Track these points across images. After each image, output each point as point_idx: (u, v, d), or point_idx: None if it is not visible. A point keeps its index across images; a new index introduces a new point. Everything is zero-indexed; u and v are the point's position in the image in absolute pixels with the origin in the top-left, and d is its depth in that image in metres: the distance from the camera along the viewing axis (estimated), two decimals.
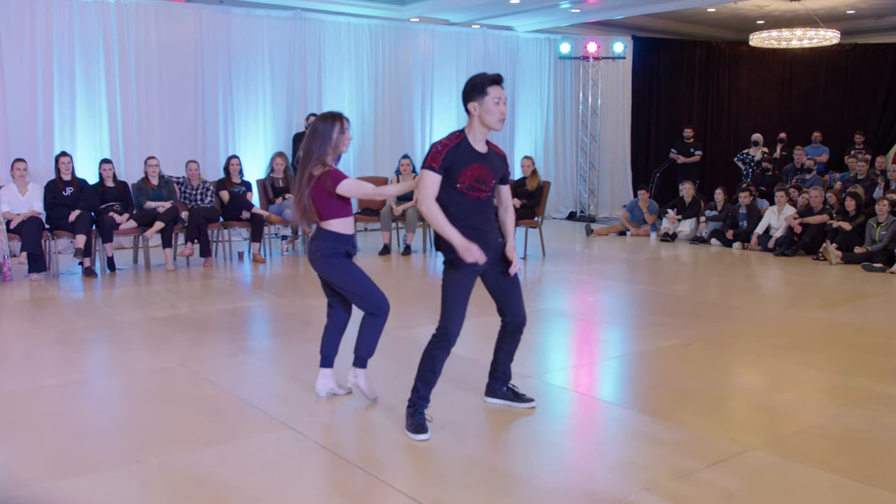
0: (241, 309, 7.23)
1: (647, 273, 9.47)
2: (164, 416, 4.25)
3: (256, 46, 11.82)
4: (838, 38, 13.27)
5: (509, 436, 4.00)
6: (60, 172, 8.63)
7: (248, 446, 3.79)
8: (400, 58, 13.28)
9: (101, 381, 5.05)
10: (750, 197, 11.44)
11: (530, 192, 10.16)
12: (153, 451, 3.74)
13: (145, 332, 6.15)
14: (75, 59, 10.43)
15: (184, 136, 11.27)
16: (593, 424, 4.37)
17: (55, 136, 10.33)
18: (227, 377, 4.96)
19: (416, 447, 3.83)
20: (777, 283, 9.07)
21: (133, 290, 8.02)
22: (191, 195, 9.59)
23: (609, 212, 15.72)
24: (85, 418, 4.31)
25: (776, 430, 4.12)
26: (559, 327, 6.75)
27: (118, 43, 10.68)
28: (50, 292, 7.76)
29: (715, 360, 5.46)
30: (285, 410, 4.26)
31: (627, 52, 15.31)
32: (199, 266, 9.23)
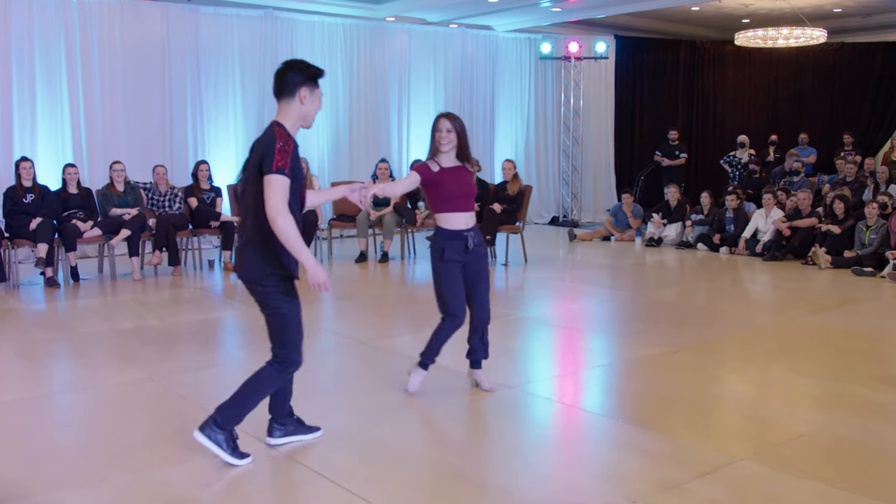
0: (211, 319, 7.20)
1: (631, 279, 9.53)
2: (131, 432, 4.22)
3: (226, 46, 11.79)
4: (825, 36, 13.43)
5: (491, 447, 4.01)
6: (21, 178, 8.56)
7: (219, 463, 3.77)
8: (376, 58, 13.30)
9: (66, 396, 5.01)
10: (737, 200, 11.54)
11: (511, 196, 10.19)
12: (120, 468, 3.72)
13: (111, 345, 6.11)
14: (35, 58, 10.34)
15: (151, 140, 11.21)
16: (577, 435, 4.39)
17: (14, 140, 10.23)
18: (197, 391, 4.94)
19: (394, 460, 3.83)
20: (765, 288, 9.15)
21: (98, 300, 7.96)
22: (158, 202, 9.54)
23: (592, 216, 15.80)
24: (49, 435, 4.27)
25: (764, 439, 4.16)
26: (542, 336, 6.78)
27: (81, 42, 10.62)
28: (10, 304, 7.69)
29: (702, 367, 5.51)
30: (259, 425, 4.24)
31: (610, 51, 15.42)
32: (168, 275, 9.18)
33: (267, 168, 3.41)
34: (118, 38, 10.90)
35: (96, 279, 9.05)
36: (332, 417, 4.42)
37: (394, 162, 13.23)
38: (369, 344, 5.86)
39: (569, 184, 15.71)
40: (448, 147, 4.53)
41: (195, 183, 9.82)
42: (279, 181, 3.41)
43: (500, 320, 7.10)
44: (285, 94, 3.61)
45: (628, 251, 11.71)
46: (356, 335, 4.63)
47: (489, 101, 14.83)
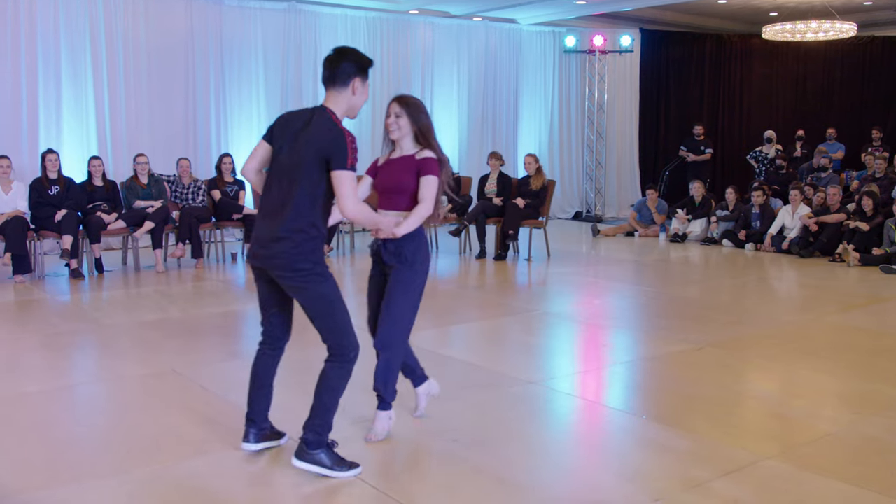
0: (234, 312, 7.24)
1: (655, 275, 9.47)
2: (154, 423, 4.25)
3: (250, 40, 11.84)
4: (855, 30, 13.27)
5: (513, 443, 4.00)
6: (47, 170, 8.64)
7: (241, 455, 3.79)
8: (399, 52, 13.30)
9: (89, 387, 5.05)
10: (763, 196, 11.44)
11: (535, 191, 10.16)
12: (142, 460, 3.74)
13: (135, 337, 6.15)
14: (61, 52, 10.44)
15: (174, 133, 11.29)
16: (600, 432, 4.37)
17: (40, 133, 10.34)
18: (219, 383, 4.96)
19: (415, 456, 3.83)
20: (791, 285, 9.07)
21: (122, 292, 8.02)
22: (182, 194, 9.60)
23: (616, 212, 15.73)
24: (71, 426, 4.31)
25: (790, 438, 4.12)
26: (564, 331, 6.75)
27: (106, 36, 10.70)
28: (35, 295, 7.77)
29: (726, 365, 5.46)
30: (280, 418, 4.26)
31: (635, 45, 15.33)
32: (191, 268, 9.24)
33: (341, 164, 3.34)
34: (143, 32, 10.97)
35: (120, 271, 9.13)
36: (353, 411, 4.43)
37: None
38: None
39: (592, 179, 15.64)
40: (397, 134, 3.91)
41: (219, 176, 9.87)
42: (353, 178, 3.38)
43: (522, 315, 7.10)
44: (338, 83, 3.49)
45: (652, 247, 11.64)
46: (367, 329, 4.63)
47: (513, 95, 14.78)
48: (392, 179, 3.94)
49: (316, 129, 3.41)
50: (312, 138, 3.39)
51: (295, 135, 3.46)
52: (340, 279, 9.34)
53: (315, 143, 3.38)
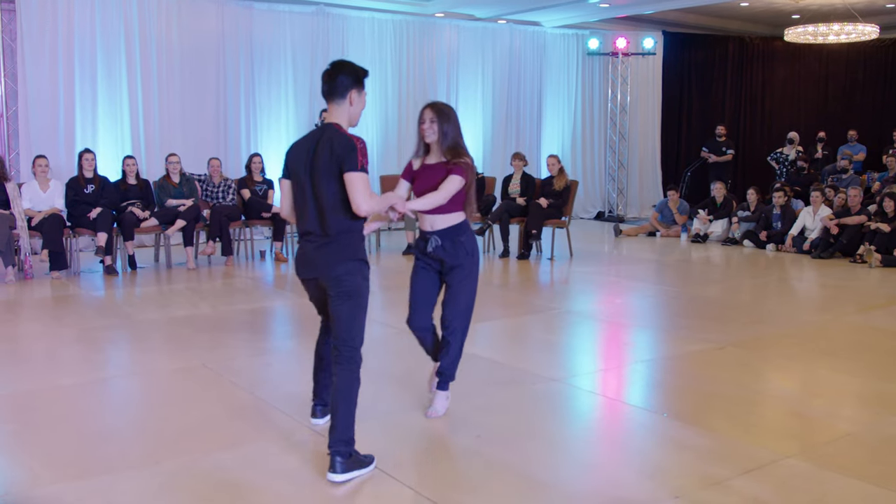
0: (263, 309, 7.27)
1: (677, 275, 9.41)
2: (184, 417, 4.28)
3: (279, 42, 11.90)
4: (877, 32, 13.10)
5: (535, 440, 3.99)
6: (83, 169, 8.73)
7: (269, 449, 3.81)
8: (424, 54, 13.30)
9: (122, 380, 5.10)
10: (784, 197, 11.32)
11: (557, 191, 10.13)
12: (173, 452, 3.77)
13: (166, 332, 6.20)
14: (97, 54, 10.55)
15: (205, 134, 11.38)
16: (621, 429, 4.35)
17: (76, 133, 10.45)
18: (248, 378, 4.99)
19: (439, 451, 3.83)
20: (812, 286, 8.97)
21: (154, 288, 8.09)
22: (212, 193, 9.66)
23: (638, 212, 15.64)
24: (104, 418, 4.35)
25: (810, 437, 4.08)
26: (586, 330, 6.73)
27: (140, 39, 10.80)
28: (71, 290, 7.85)
29: (747, 364, 5.42)
30: (307, 412, 4.28)
31: (658, 47, 15.24)
32: (221, 265, 9.30)
33: (352, 166, 3.44)
34: (175, 35, 11.06)
35: (152, 268, 9.21)
36: (379, 407, 4.44)
37: None
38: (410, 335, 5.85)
39: (615, 179, 15.57)
40: (433, 138, 4.07)
41: (248, 175, 9.92)
42: (364, 178, 3.47)
43: (545, 314, 7.08)
44: (336, 96, 3.65)
45: (674, 247, 11.57)
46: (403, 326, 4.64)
47: (536, 97, 14.74)
48: (430, 183, 4.08)
49: (329, 145, 3.51)
50: (329, 154, 3.49)
51: (311, 159, 3.57)
52: None
53: (333, 156, 3.48)
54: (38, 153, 8.97)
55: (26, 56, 10.05)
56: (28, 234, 8.24)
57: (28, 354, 5.62)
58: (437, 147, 4.09)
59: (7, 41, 10.09)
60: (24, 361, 5.42)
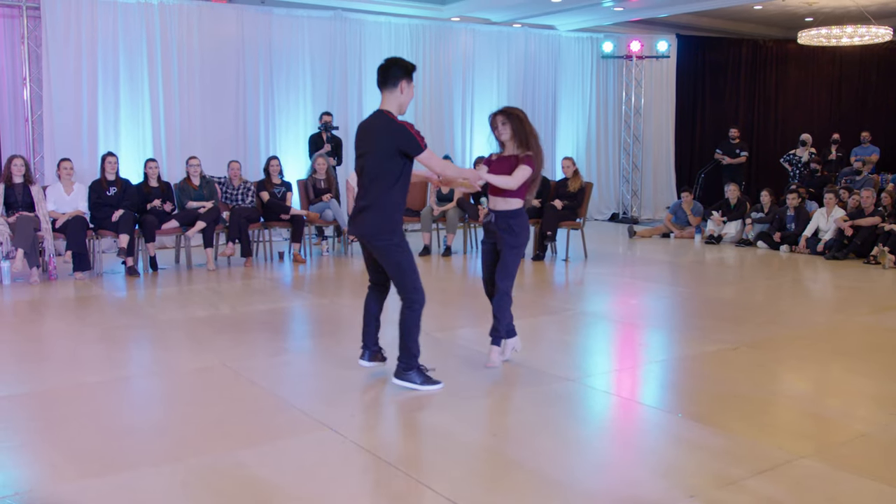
0: (281, 309, 7.29)
1: (691, 276, 9.37)
2: (205, 415, 4.30)
3: (297, 47, 11.94)
4: (891, 35, 12.99)
5: (550, 439, 3.98)
6: (105, 172, 8.79)
7: (288, 447, 3.82)
8: (441, 58, 13.31)
9: (143, 379, 5.13)
10: (798, 199, 11.25)
11: (572, 193, 10.11)
12: (194, 449, 3.79)
13: (187, 332, 6.23)
14: (119, 60, 10.63)
15: (225, 137, 11.42)
16: (635, 429, 4.33)
17: (99, 137, 10.53)
18: (267, 377, 5.01)
19: (455, 449, 3.83)
20: (826, 287, 8.91)
21: (175, 289, 8.13)
22: (232, 195, 9.70)
23: (652, 213, 15.59)
24: (127, 416, 4.38)
25: (825, 437, 4.05)
26: (601, 330, 6.71)
27: (161, 44, 10.86)
28: (94, 291, 7.90)
29: (761, 365, 5.39)
30: (326, 411, 4.29)
31: (671, 50, 15.18)
32: (240, 266, 9.33)
33: (417, 150, 4.36)
34: (196, 40, 11.12)
35: (173, 269, 9.25)
36: (394, 406, 4.45)
37: (457, 158, 13.24)
38: (431, 335, 5.86)
39: (629, 181, 15.52)
40: (505, 136, 4.97)
41: (267, 178, 9.96)
42: (430, 153, 4.47)
43: (560, 315, 7.06)
44: (389, 85, 4.40)
45: (688, 248, 11.52)
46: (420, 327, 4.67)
47: (551, 100, 14.72)
48: (501, 171, 4.93)
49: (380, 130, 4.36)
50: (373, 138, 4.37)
51: (370, 138, 4.42)
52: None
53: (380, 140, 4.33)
54: (62, 156, 9.03)
55: (51, 62, 10.14)
56: (52, 236, 8.30)
57: (52, 353, 5.67)
58: (511, 144, 4.95)
59: (32, 47, 10.18)
60: (49, 360, 5.47)
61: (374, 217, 4.42)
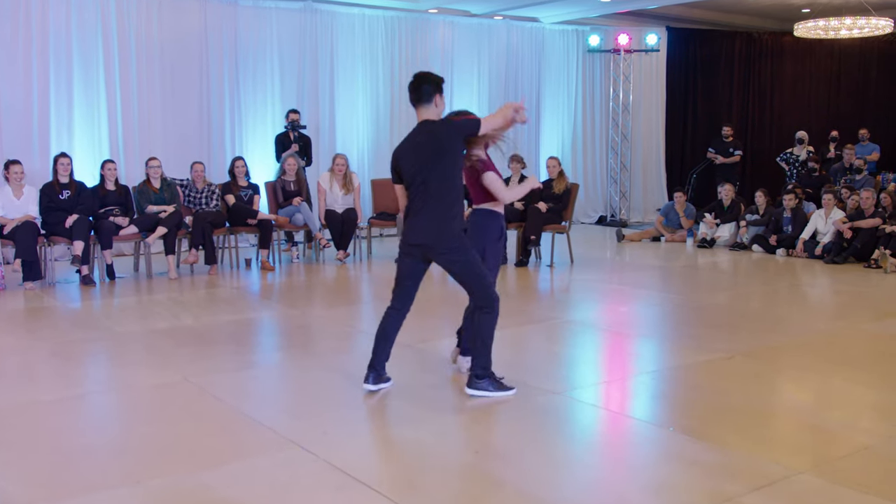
0: (248, 320, 7.27)
1: (683, 282, 9.42)
2: (166, 433, 4.27)
3: (265, 40, 11.91)
4: (892, 26, 13.14)
5: (536, 456, 3.98)
6: (58, 174, 8.72)
7: (256, 466, 3.80)
8: (418, 52, 13.32)
9: (100, 396, 5.09)
10: (795, 199, 11.35)
11: (557, 195, 10.15)
12: (155, 471, 3.76)
13: (147, 345, 6.19)
14: (73, 54, 10.54)
15: (188, 136, 11.37)
16: (625, 444, 4.34)
17: (52, 137, 10.44)
18: (233, 392, 4.98)
19: (434, 468, 3.83)
20: (825, 292, 8.99)
21: (134, 299, 8.07)
22: (195, 199, 9.66)
23: (642, 216, 15.68)
24: (83, 436, 4.34)
25: (824, 452, 4.08)
26: (588, 340, 6.73)
27: (118, 37, 10.80)
28: (46, 302, 7.83)
29: (757, 375, 5.42)
30: (297, 428, 4.28)
31: (661, 44, 15.28)
32: (204, 274, 9.29)
33: (476, 123, 4.66)
34: (156, 33, 11.06)
35: (132, 277, 9.19)
36: (372, 422, 4.44)
37: None
38: (412, 347, 5.86)
39: (617, 182, 15.59)
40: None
41: (232, 180, 9.92)
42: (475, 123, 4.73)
43: (545, 323, 7.08)
44: (424, 101, 4.68)
45: (679, 252, 11.59)
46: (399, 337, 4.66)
47: (535, 96, 14.76)
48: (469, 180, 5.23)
49: (440, 134, 4.61)
50: (441, 141, 4.60)
51: (426, 149, 4.63)
52: (357, 284, 9.36)
53: (449, 140, 4.61)
54: (10, 158, 8.94)
55: None
56: (0, 243, 8.22)
57: (1, 370, 5.61)
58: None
59: None
60: None
61: (449, 224, 4.65)
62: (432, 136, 4.61)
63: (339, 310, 7.72)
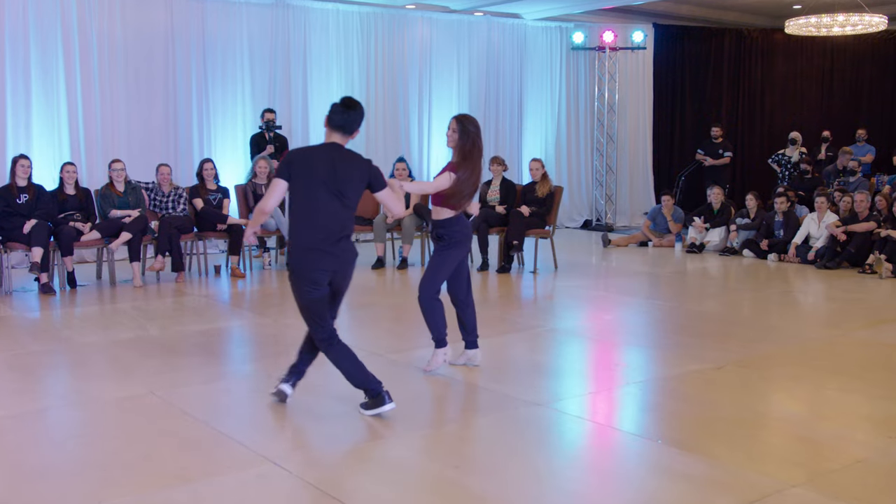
0: (218, 330, 7.23)
1: (671, 288, 9.47)
2: (131, 450, 4.24)
3: (234, 37, 11.87)
4: (885, 23, 13.28)
5: (520, 469, 3.99)
6: (16, 177, 8.64)
7: (226, 483, 3.78)
8: (395, 50, 13.33)
9: (60, 411, 5.04)
10: (787, 203, 11.43)
11: (540, 198, 10.16)
12: (119, 489, 3.73)
13: (110, 357, 6.14)
14: (30, 52, 10.45)
15: (153, 137, 11.31)
16: (611, 458, 4.36)
17: (8, 138, 10.34)
18: (202, 406, 4.95)
19: (412, 484, 3.82)
20: (818, 299, 9.06)
21: (96, 308, 8.01)
22: (161, 203, 9.61)
23: (628, 220, 15.74)
24: (41, 454, 4.30)
25: (818, 464, 4.11)
26: (573, 349, 6.74)
27: (79, 34, 10.72)
28: (2, 312, 7.76)
29: (748, 385, 5.45)
30: (268, 443, 4.26)
31: (648, 41, 15.36)
32: (171, 282, 9.23)
33: (381, 187, 4.75)
34: (119, 29, 11.00)
35: (94, 286, 9.12)
36: (344, 436, 4.42)
37: (413, 161, 13.26)
38: (386, 357, 5.85)
39: (603, 185, 15.65)
40: (451, 143, 5.42)
41: (201, 183, 9.88)
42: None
43: (528, 332, 7.09)
44: (344, 132, 4.68)
45: (667, 258, 11.64)
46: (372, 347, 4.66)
47: (517, 96, 14.81)
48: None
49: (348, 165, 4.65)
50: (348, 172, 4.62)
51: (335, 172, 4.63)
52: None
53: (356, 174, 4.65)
54: None
55: None
56: None
57: None
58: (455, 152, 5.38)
59: None
60: None
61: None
62: (358, 168, 4.67)
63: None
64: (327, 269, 4.59)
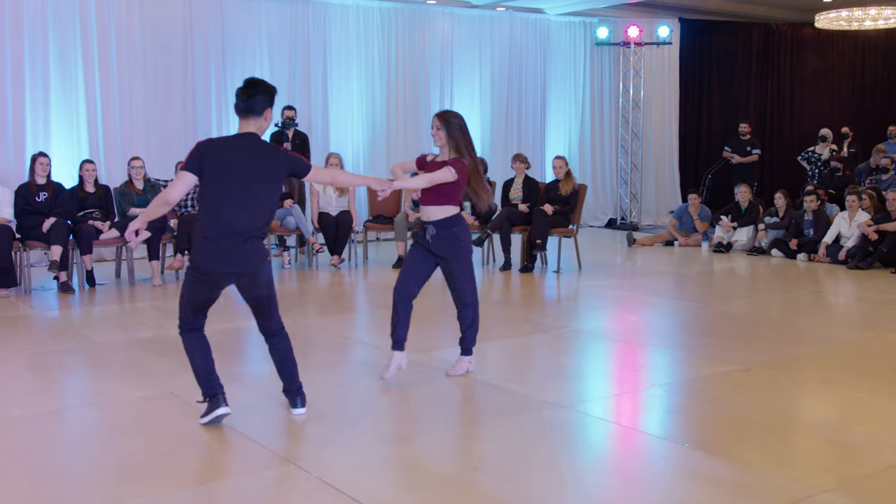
0: (236, 329, 7.25)
1: (698, 289, 9.42)
2: (149, 451, 4.26)
3: (253, 33, 11.92)
4: None
5: (542, 473, 3.97)
6: (35, 175, 8.70)
7: (245, 485, 3.79)
8: (416, 46, 13.34)
9: (78, 411, 5.08)
10: (817, 201, 11.34)
11: (564, 196, 10.14)
12: (137, 490, 3.75)
13: (129, 356, 6.18)
14: (49, 49, 10.54)
15: (172, 135, 11.37)
16: (637, 461, 4.34)
17: (27, 135, 10.43)
18: None
19: (431, 486, 3.82)
20: (849, 300, 8.98)
21: (115, 307, 8.06)
22: (180, 201, 9.64)
23: (654, 219, 15.68)
24: (58, 455, 4.32)
25: (850, 469, 4.07)
26: (597, 350, 6.72)
27: (98, 31, 10.80)
28: (21, 310, 7.82)
29: (777, 388, 5.42)
30: (288, 444, 4.27)
31: (674, 36, 15.30)
32: None
33: (306, 170, 4.64)
34: (138, 25, 11.07)
35: (113, 284, 9.18)
36: (366, 437, 4.42)
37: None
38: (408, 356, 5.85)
39: (628, 183, 15.60)
40: (439, 143, 5.27)
41: None
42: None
43: (551, 333, 7.07)
44: (253, 114, 4.64)
45: (694, 257, 11.58)
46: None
47: (540, 92, 14.79)
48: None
49: (257, 155, 4.61)
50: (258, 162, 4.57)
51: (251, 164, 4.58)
52: (353, 291, 9.34)
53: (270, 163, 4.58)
54: None
55: None
56: None
57: None
58: (445, 149, 5.23)
59: None
60: None
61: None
62: (275, 159, 4.59)
63: (332, 318, 7.70)
64: (230, 272, 4.50)
